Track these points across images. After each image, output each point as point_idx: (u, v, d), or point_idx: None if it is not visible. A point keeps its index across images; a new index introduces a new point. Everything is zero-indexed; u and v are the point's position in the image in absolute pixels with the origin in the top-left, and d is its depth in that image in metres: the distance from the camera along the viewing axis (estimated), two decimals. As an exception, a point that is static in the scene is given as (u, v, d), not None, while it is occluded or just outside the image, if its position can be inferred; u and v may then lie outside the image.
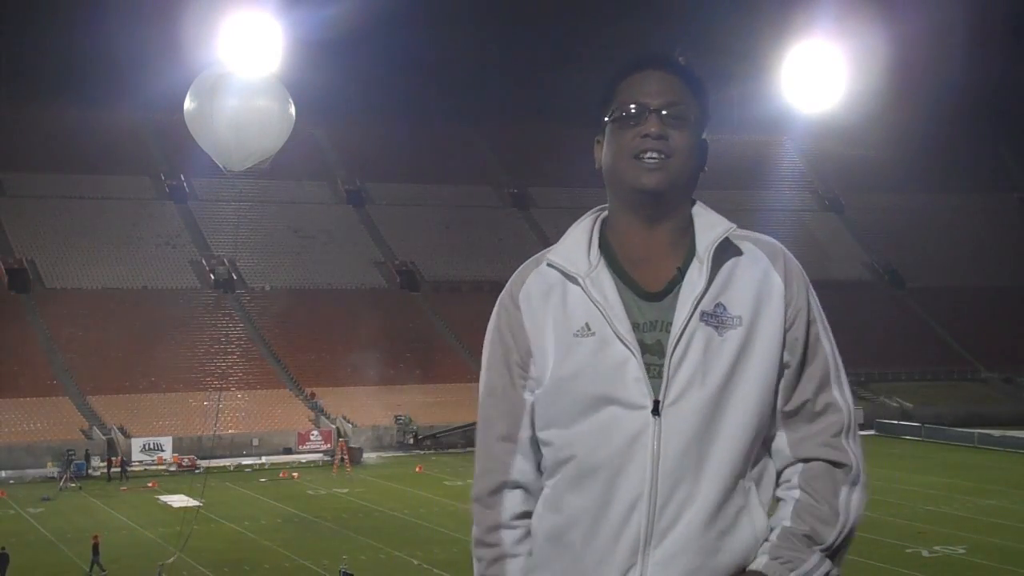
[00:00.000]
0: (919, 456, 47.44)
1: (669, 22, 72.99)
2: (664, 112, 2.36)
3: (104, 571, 29.23)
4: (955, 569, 28.79)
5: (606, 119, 2.42)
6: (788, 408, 2.40)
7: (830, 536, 2.36)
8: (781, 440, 2.42)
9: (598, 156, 2.47)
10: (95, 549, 29.45)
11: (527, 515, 2.48)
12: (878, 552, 28.40)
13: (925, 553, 30.14)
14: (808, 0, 71.53)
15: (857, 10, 69.55)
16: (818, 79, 73.66)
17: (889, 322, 65.63)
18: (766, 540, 2.37)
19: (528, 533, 2.48)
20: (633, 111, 2.37)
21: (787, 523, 2.37)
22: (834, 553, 2.37)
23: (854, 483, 2.39)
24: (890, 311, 69.18)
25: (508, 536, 2.48)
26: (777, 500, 2.44)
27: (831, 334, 2.44)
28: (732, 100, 75.98)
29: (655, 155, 2.34)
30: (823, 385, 2.41)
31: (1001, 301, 72.36)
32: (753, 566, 2.33)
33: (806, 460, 2.41)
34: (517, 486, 2.48)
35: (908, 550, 30.06)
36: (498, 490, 2.49)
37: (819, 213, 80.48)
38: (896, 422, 55.35)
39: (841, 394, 2.42)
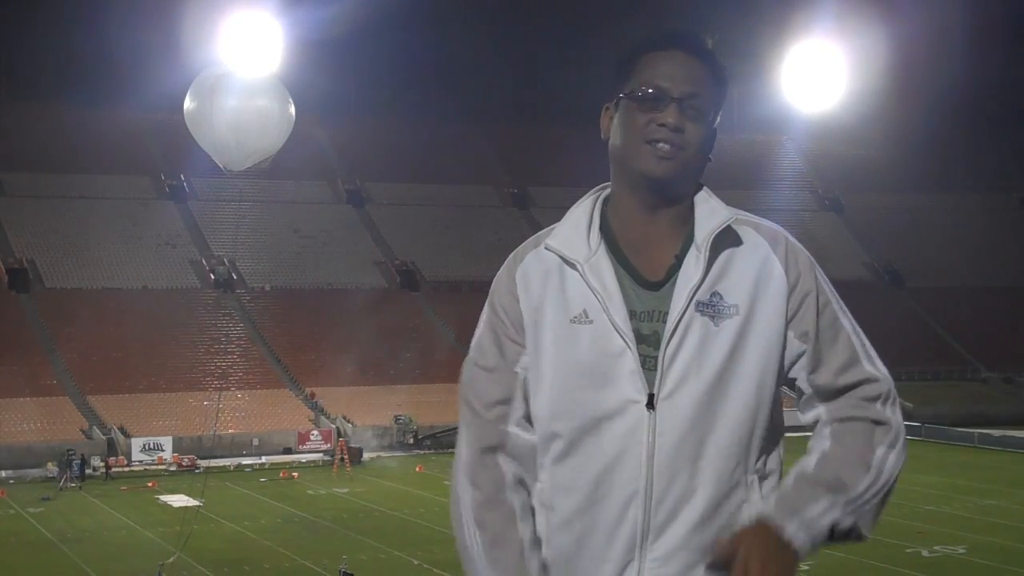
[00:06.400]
0: (919, 456, 47.24)
1: (669, 22, 73.02)
2: (684, 102, 2.28)
3: None
4: (955, 569, 28.79)
5: (622, 94, 2.34)
6: (821, 389, 2.34)
7: (859, 483, 2.26)
8: (819, 412, 2.35)
9: (605, 126, 2.39)
10: None
11: (524, 483, 2.37)
12: (878, 552, 28.40)
13: (925, 553, 30.14)
14: (808, 0, 71.52)
15: (857, 10, 69.50)
16: (818, 79, 73.60)
17: (889, 322, 65.51)
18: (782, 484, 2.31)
19: (529, 504, 2.37)
20: (652, 94, 2.29)
21: (809, 468, 2.28)
22: (859, 505, 2.26)
23: (892, 444, 2.30)
24: (890, 311, 69.12)
25: (517, 498, 2.36)
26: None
27: (849, 313, 2.38)
28: (732, 100, 75.93)
29: (668, 146, 2.28)
30: (852, 362, 2.34)
31: (1001, 301, 72.35)
32: (761, 513, 2.25)
33: (843, 420, 2.33)
34: (512, 456, 2.37)
35: (908, 550, 30.05)
36: (495, 451, 2.37)
37: (819, 213, 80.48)
38: (896, 422, 55.27)
39: (874, 367, 2.35)
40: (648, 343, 2.29)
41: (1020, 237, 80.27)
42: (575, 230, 2.39)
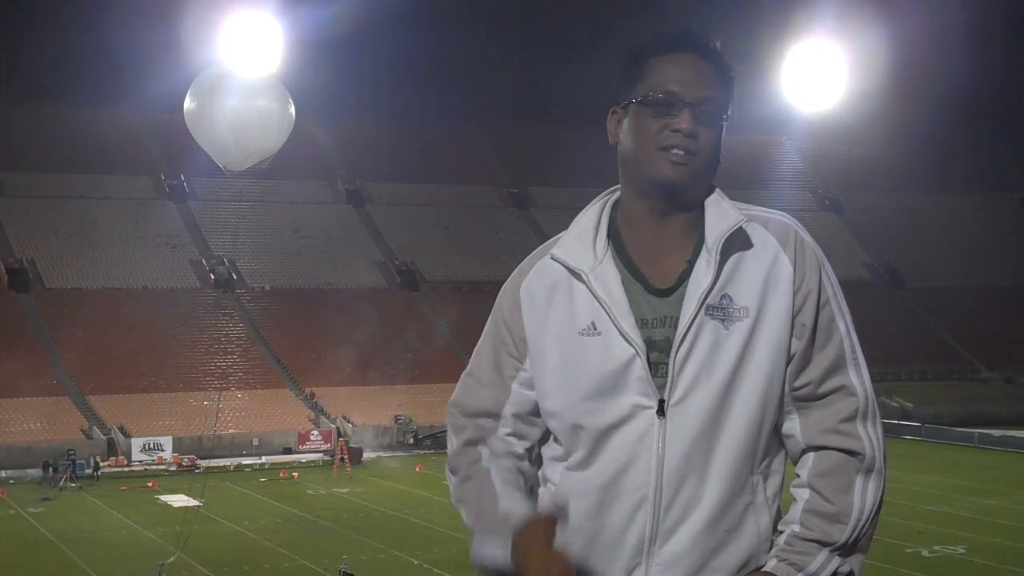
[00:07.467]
0: (919, 456, 47.41)
1: (669, 22, 72.95)
2: (697, 107, 2.26)
3: None
4: (955, 569, 28.81)
5: (633, 100, 2.30)
6: (798, 392, 2.32)
7: (841, 535, 2.28)
8: (793, 425, 2.34)
9: (612, 130, 2.35)
10: None
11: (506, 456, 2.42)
12: (878, 552, 28.28)
13: (925, 553, 30.16)
14: (808, 0, 71.51)
15: (857, 10, 69.54)
16: (818, 79, 73.61)
17: (889, 322, 65.57)
18: (774, 544, 2.32)
19: (516, 470, 2.41)
20: (664, 100, 2.26)
21: (796, 528, 2.30)
22: (851, 547, 2.29)
23: (868, 471, 2.30)
24: (890, 311, 69.13)
25: (495, 463, 2.40)
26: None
27: (848, 315, 2.37)
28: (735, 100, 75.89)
29: (682, 152, 2.25)
30: (836, 367, 2.32)
31: (1001, 301, 72.34)
32: (764, 568, 2.29)
33: (817, 448, 2.32)
34: (494, 452, 2.42)
35: (908, 550, 30.06)
36: (476, 443, 2.42)
37: (819, 213, 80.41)
38: (896, 422, 55.33)
39: (858, 377, 2.33)
40: (660, 349, 2.28)
41: (1020, 237, 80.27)
42: (581, 238, 2.37)
